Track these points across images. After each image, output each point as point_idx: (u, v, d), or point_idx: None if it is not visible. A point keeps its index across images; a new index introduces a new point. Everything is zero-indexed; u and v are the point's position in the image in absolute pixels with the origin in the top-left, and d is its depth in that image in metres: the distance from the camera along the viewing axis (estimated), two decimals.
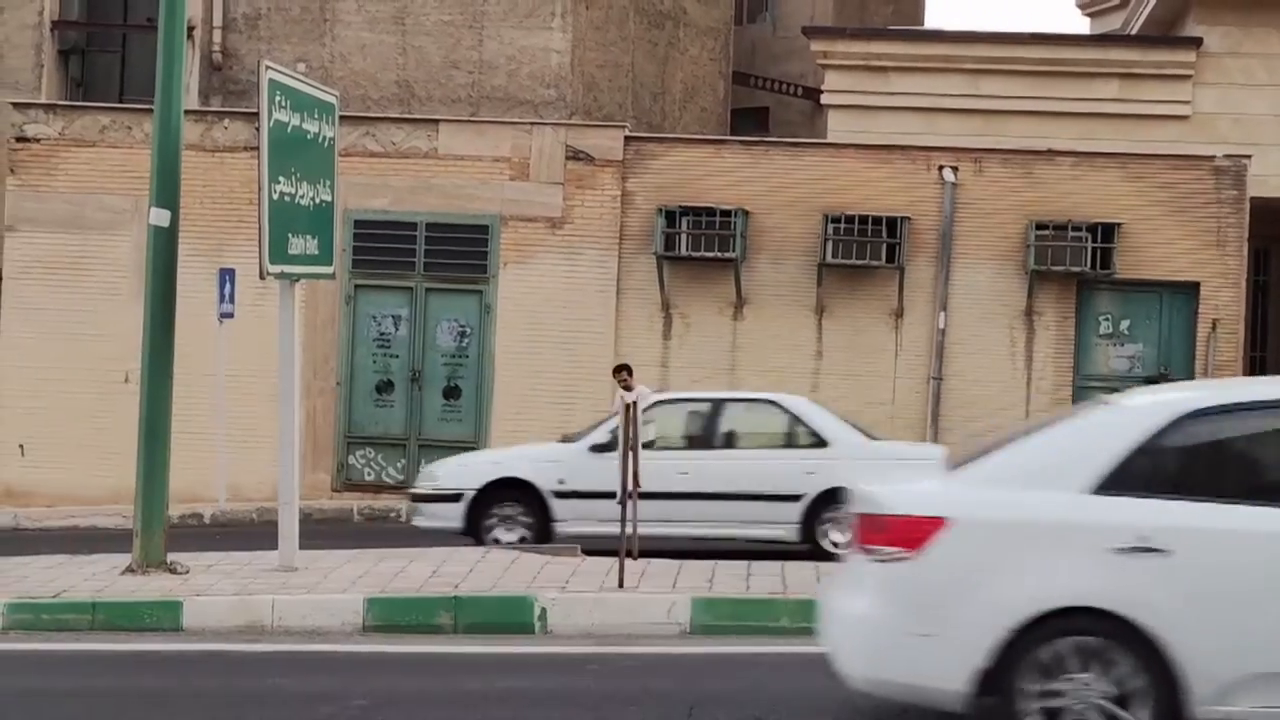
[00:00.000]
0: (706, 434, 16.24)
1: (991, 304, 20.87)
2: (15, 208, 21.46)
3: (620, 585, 11.94)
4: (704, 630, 11.28)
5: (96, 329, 21.03)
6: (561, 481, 15.75)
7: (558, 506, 15.74)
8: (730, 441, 16.29)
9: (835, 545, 14.71)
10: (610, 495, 13.95)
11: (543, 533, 15.64)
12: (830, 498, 14.94)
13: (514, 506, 15.76)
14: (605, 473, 15.00)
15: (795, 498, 15.54)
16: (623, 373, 17.93)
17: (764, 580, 12.22)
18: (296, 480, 13.10)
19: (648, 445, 15.77)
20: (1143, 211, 20.72)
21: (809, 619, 11.24)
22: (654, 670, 10.15)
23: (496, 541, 15.44)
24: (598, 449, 15.85)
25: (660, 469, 14.75)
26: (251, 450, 20.14)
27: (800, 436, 16.04)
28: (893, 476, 11.62)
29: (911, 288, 20.86)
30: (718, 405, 16.55)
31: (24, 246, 21.39)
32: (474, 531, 15.81)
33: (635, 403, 13.30)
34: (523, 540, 15.46)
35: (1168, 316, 20.89)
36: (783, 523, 15.48)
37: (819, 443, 15.91)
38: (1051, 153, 21.21)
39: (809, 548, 15.26)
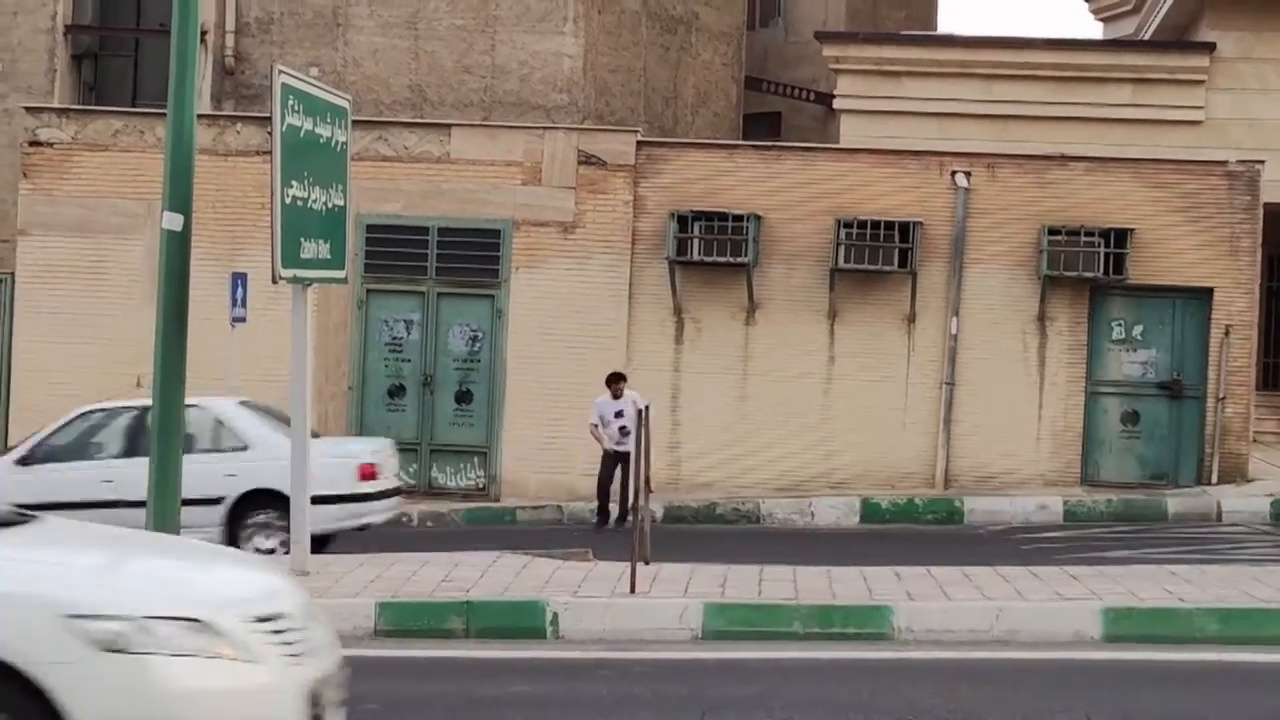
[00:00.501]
0: (133, 441, 15.90)
1: (1004, 309, 20.83)
2: (28, 211, 21.49)
3: (632, 590, 11.90)
4: (716, 635, 11.25)
5: (109, 333, 21.04)
6: None
7: None
8: None
9: (260, 550, 14.78)
10: (33, 507, 13.98)
11: None
12: (252, 499, 15.30)
13: None
14: (29, 486, 15.08)
15: (217, 501, 15.54)
16: (620, 381, 17.90)
17: (776, 586, 12.20)
18: (308, 485, 13.09)
19: (79, 456, 15.73)
20: (1156, 217, 20.67)
21: (821, 624, 11.28)
22: (666, 675, 10.13)
23: None
24: (22, 462, 15.87)
25: (85, 479, 14.42)
26: None
27: (224, 440, 15.99)
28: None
29: (924, 293, 20.82)
30: (144, 412, 16.10)
31: (37, 250, 21.42)
32: None
33: (647, 407, 13.30)
34: None
35: (1181, 322, 20.84)
36: (207, 526, 15.34)
37: (241, 446, 15.94)
38: (1064, 158, 21.17)
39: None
